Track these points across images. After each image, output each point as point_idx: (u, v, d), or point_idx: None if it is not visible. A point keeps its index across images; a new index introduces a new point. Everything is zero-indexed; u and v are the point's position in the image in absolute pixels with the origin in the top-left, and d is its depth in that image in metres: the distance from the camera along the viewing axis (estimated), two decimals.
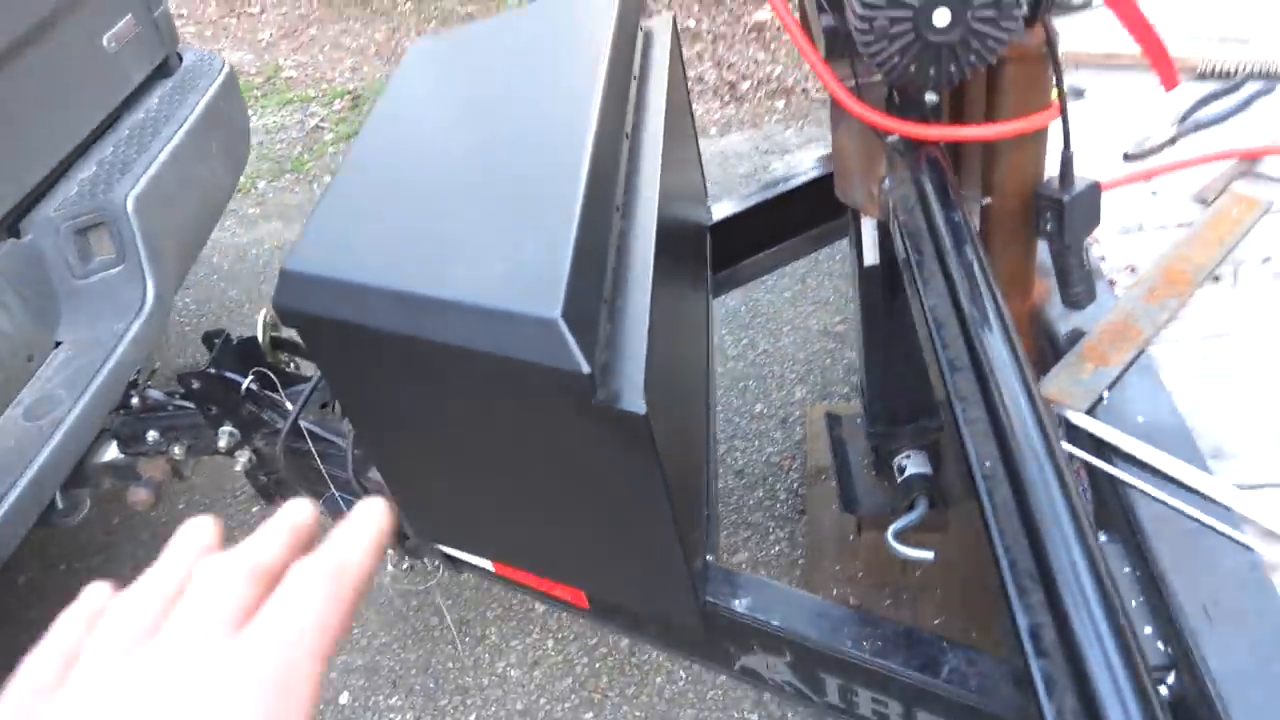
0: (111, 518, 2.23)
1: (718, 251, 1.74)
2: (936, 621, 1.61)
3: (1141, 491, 0.88)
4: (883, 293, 1.26)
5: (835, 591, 1.68)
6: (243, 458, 1.54)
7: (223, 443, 1.50)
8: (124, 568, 2.12)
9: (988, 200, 0.97)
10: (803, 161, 2.83)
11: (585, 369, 0.81)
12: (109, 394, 1.59)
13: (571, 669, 1.69)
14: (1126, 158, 1.27)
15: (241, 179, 3.49)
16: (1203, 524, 0.84)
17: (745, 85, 3.28)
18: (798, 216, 1.73)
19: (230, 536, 0.38)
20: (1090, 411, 0.95)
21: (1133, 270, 1.12)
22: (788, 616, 1.06)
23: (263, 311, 1.51)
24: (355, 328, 0.93)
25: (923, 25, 0.73)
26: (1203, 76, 1.37)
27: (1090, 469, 0.92)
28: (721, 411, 2.11)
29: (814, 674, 1.07)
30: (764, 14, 3.55)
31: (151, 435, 1.58)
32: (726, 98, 3.26)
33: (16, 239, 1.69)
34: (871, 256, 1.21)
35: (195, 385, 1.45)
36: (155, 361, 1.55)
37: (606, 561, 1.08)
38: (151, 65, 2.03)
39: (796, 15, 0.99)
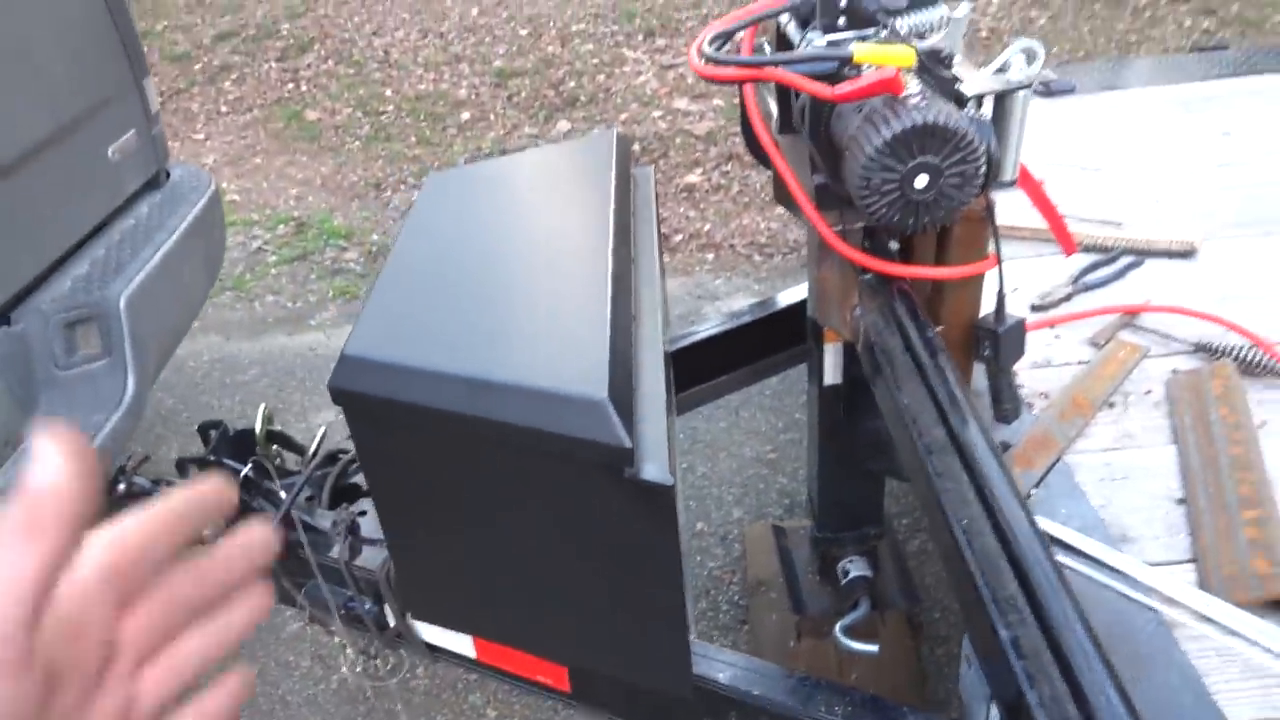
0: None
1: (679, 376, 1.93)
2: None
3: (1069, 568, 1.07)
4: (840, 410, 1.46)
5: None
6: None
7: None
8: None
9: (939, 329, 1.19)
10: (730, 306, 3.11)
11: (627, 443, 0.96)
12: None
13: None
14: (1034, 308, 1.53)
15: None
16: (1119, 593, 1.03)
17: (678, 238, 3.59)
18: (740, 352, 1.95)
19: None
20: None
21: (1045, 396, 1.35)
22: (766, 687, 1.18)
23: (262, 405, 1.60)
24: (411, 407, 1.06)
25: (906, 186, 0.96)
26: (1089, 250, 1.68)
27: None
28: None
29: None
30: (694, 178, 3.91)
31: None
32: (661, 247, 3.55)
33: (7, 326, 1.74)
34: (832, 377, 1.42)
35: (193, 472, 1.51)
36: (142, 451, 1.59)
37: (606, 633, 1.19)
38: (145, 177, 2.15)
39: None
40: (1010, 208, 1.74)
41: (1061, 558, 1.07)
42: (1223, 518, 1.10)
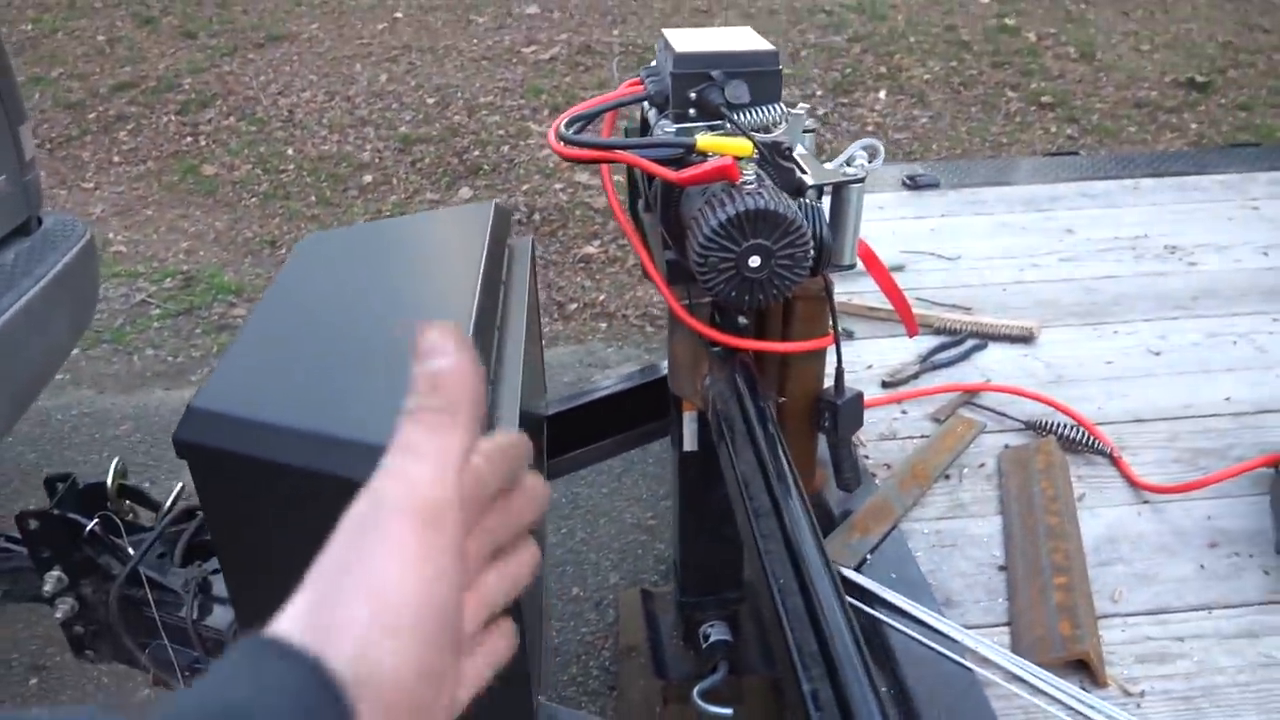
0: None
1: (549, 442, 1.96)
2: None
3: (895, 629, 1.13)
4: (698, 476, 1.51)
5: None
6: (64, 605, 1.51)
7: (48, 587, 1.48)
8: None
9: (782, 399, 1.26)
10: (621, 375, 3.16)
11: None
12: None
13: None
14: (884, 385, 1.63)
15: None
16: (938, 653, 1.09)
17: (572, 306, 3.65)
18: (618, 418, 2.00)
19: None
20: (858, 568, 1.21)
21: (888, 467, 1.43)
22: None
23: (115, 459, 1.56)
24: (256, 461, 1.06)
25: (741, 265, 1.03)
26: (938, 332, 1.80)
27: (858, 611, 1.16)
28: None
29: None
30: (591, 249, 4.00)
31: None
32: (555, 315, 3.60)
33: None
34: (690, 444, 1.47)
35: (32, 525, 1.45)
36: None
37: None
38: (14, 224, 2.10)
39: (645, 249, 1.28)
40: (868, 291, 1.85)
41: (888, 620, 1.13)
42: (1036, 583, 1.18)
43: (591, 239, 4.06)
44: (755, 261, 1.03)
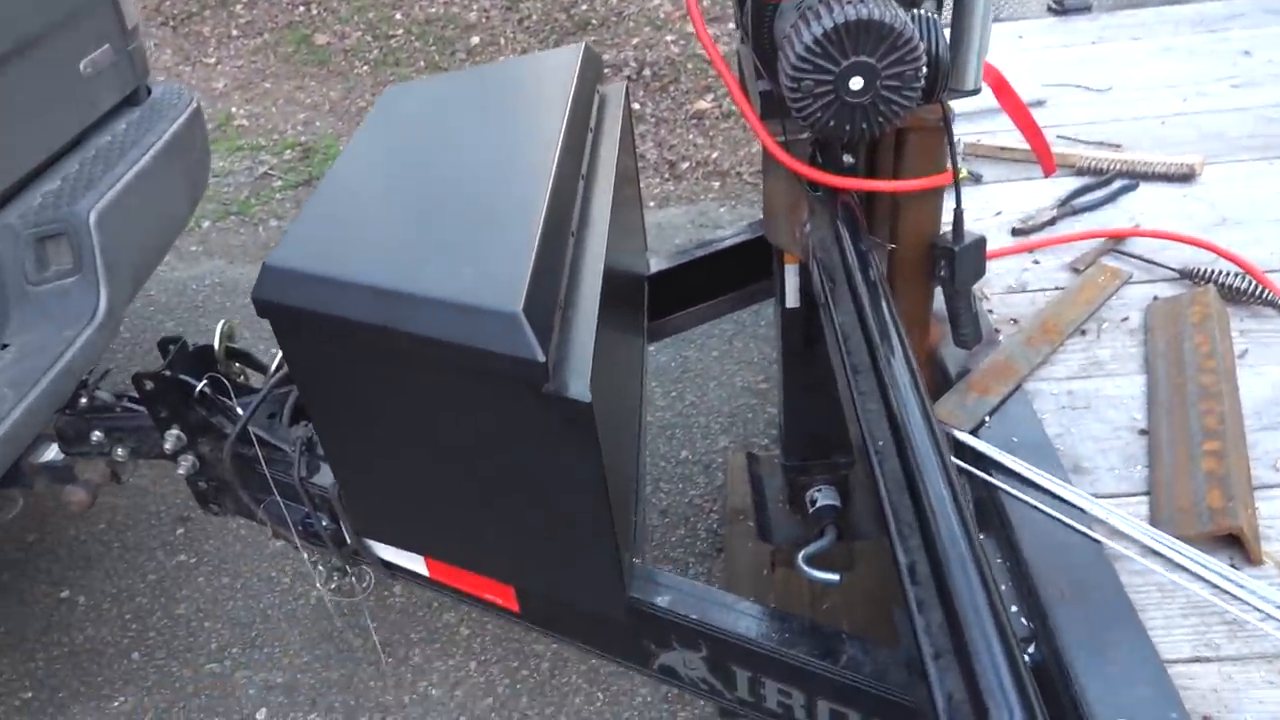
0: (28, 534, 2.21)
1: (653, 302, 1.88)
2: None
3: (1013, 497, 1.02)
4: (802, 335, 1.40)
5: None
6: (186, 462, 1.58)
7: (169, 445, 1.54)
8: (37, 583, 2.10)
9: (893, 246, 1.13)
10: None
11: (541, 357, 0.93)
12: (54, 397, 1.63)
13: (493, 690, 1.74)
14: (1014, 232, 1.46)
15: None
16: (1062, 523, 0.98)
17: (684, 165, 3.50)
18: (727, 276, 1.89)
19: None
20: (974, 432, 1.10)
21: (1015, 323, 1.29)
22: (705, 611, 1.16)
23: (221, 322, 1.58)
24: (331, 319, 1.03)
25: (841, 88, 0.89)
26: (1080, 172, 1.59)
27: (972, 478, 1.06)
28: (649, 456, 2.22)
29: (726, 668, 1.17)
30: (705, 104, 3.80)
31: (96, 435, 1.62)
32: (666, 175, 3.47)
33: None
34: (792, 300, 1.36)
35: (149, 386, 1.50)
36: (108, 366, 1.59)
37: (541, 552, 1.17)
38: (122, 94, 2.11)
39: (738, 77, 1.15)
40: (1000, 130, 1.65)
41: (1005, 486, 1.03)
42: (1182, 450, 1.04)
43: (704, 93, 3.85)
44: (857, 84, 0.89)
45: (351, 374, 1.10)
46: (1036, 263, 1.40)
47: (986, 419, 1.12)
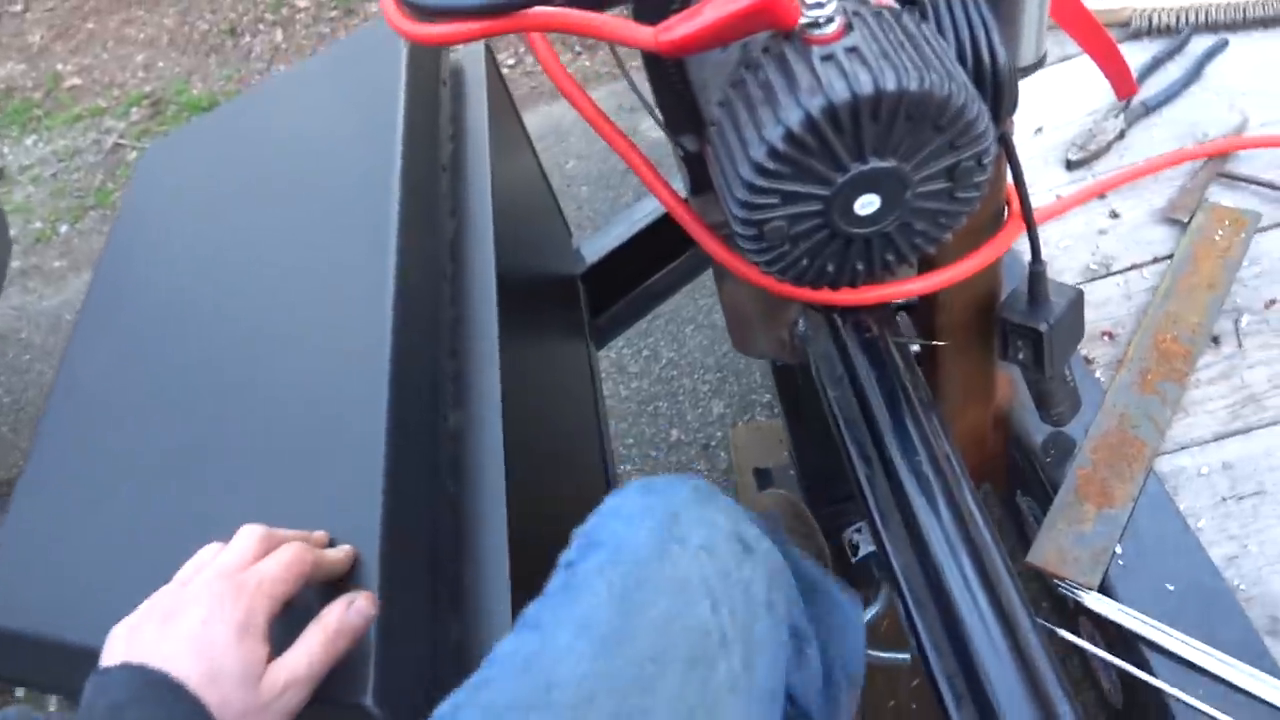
0: None
1: (597, 296, 1.46)
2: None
3: (1177, 700, 0.67)
4: (797, 392, 1.01)
5: None
6: None
7: None
8: None
9: (935, 343, 0.72)
10: None
11: None
12: None
13: None
14: (1069, 165, 1.02)
15: (40, 224, 3.01)
16: None
17: None
18: (668, 246, 1.47)
19: None
20: (1102, 588, 0.73)
21: (1110, 338, 0.89)
22: None
23: None
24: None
25: (836, 218, 0.46)
26: (1138, 35, 1.13)
27: (1120, 671, 0.71)
28: (635, 445, 1.86)
29: None
30: None
31: None
32: (578, 48, 2.90)
33: None
34: None
35: None
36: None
37: None
38: None
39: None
40: None
41: (1175, 692, 0.67)
42: None
43: None
44: (868, 205, 0.46)
45: None
46: (1116, 216, 0.98)
47: (1118, 551, 0.75)
